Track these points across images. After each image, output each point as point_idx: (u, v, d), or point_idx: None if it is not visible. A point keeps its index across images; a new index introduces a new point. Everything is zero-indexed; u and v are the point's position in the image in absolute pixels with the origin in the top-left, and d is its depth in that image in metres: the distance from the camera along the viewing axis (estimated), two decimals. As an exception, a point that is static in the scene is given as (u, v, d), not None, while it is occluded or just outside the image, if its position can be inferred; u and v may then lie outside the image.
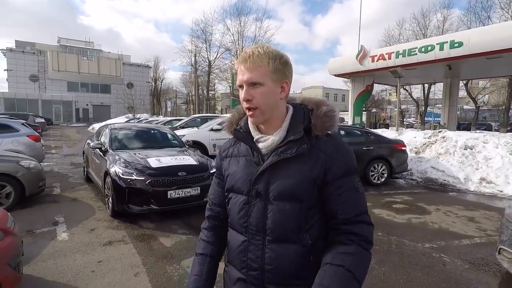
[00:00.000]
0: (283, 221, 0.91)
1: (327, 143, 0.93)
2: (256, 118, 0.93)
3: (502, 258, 2.90)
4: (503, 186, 6.44)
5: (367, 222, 0.93)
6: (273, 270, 0.93)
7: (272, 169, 0.93)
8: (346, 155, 0.94)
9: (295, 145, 0.91)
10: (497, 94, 28.70)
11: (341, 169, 0.92)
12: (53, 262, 3.16)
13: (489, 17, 22.91)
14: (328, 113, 0.96)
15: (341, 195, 0.91)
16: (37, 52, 41.77)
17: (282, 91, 0.94)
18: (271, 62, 0.90)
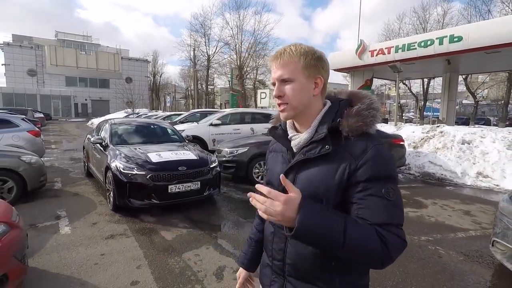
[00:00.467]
0: None
1: (357, 144, 0.87)
2: (286, 112, 0.93)
3: (495, 250, 2.98)
4: (499, 180, 6.52)
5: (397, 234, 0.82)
6: (293, 264, 0.96)
7: (298, 167, 0.94)
8: (377, 159, 0.85)
9: (318, 146, 0.90)
10: (496, 88, 28.71)
11: (367, 172, 0.84)
12: (57, 255, 3.22)
13: (489, 11, 22.82)
14: (361, 112, 0.89)
15: (364, 200, 0.84)
16: (34, 46, 41.46)
17: (315, 87, 0.92)
18: (302, 58, 0.90)
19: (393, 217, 0.84)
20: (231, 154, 6.54)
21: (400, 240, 0.83)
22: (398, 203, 0.86)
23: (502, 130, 8.08)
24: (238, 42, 34.45)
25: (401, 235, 0.83)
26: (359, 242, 0.79)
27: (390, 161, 0.89)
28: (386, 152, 0.89)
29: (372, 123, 0.89)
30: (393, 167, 0.90)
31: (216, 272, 2.96)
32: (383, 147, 0.88)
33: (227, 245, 3.56)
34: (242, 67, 33.79)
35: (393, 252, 0.81)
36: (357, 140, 0.88)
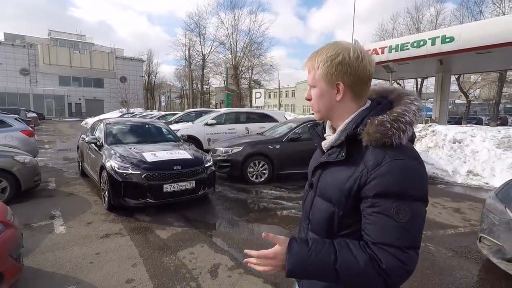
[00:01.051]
0: (318, 217, 0.96)
1: (374, 155, 0.82)
2: (315, 115, 0.98)
3: (482, 245, 3.07)
4: (489, 178, 6.66)
5: (396, 257, 0.78)
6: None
7: (323, 167, 0.97)
8: (390, 174, 0.79)
9: (336, 152, 0.91)
10: (488, 88, 29.16)
11: (378, 187, 0.80)
12: (52, 254, 3.24)
13: (481, 12, 23.18)
14: (384, 123, 0.83)
15: (371, 216, 0.81)
16: (27, 45, 40.99)
17: (337, 93, 0.90)
18: (321, 65, 0.90)
19: (399, 240, 0.78)
20: (226, 153, 6.58)
21: (400, 264, 0.78)
22: (410, 226, 0.79)
23: (492, 129, 8.24)
24: (233, 41, 34.50)
25: (404, 259, 0.78)
26: (352, 273, 0.79)
27: (408, 178, 0.80)
28: (406, 168, 0.81)
29: (394, 135, 0.82)
30: (413, 186, 0.80)
31: (211, 269, 3.01)
32: (405, 162, 0.81)
33: (221, 243, 3.61)
34: (237, 66, 33.81)
35: (394, 278, 0.78)
36: (375, 151, 0.83)
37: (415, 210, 0.80)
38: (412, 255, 0.79)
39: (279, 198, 5.53)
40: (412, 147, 0.89)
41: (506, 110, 34.58)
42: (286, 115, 14.80)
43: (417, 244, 0.81)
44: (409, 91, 0.97)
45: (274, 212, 4.80)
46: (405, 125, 0.83)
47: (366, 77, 0.90)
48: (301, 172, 6.76)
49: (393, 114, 0.85)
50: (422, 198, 0.82)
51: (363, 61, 0.88)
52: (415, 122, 0.87)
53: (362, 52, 0.89)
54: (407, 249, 0.79)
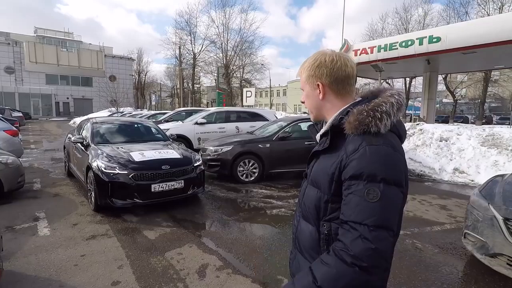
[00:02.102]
0: (308, 203, 1.04)
1: (353, 142, 0.90)
2: (310, 116, 1.11)
3: (467, 241, 3.13)
4: (474, 176, 6.81)
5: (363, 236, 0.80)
6: (297, 239, 1.11)
7: (315, 157, 1.07)
8: (364, 158, 0.85)
9: (324, 141, 1.02)
10: (474, 88, 29.83)
11: (352, 170, 0.86)
12: (35, 257, 3.15)
13: (467, 13, 23.70)
14: (362, 111, 0.91)
15: (346, 197, 0.87)
16: (12, 42, 39.86)
17: (319, 93, 1.02)
18: (304, 71, 1.05)
19: (367, 218, 0.81)
20: (216, 152, 6.54)
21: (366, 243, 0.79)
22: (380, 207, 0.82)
23: (477, 128, 8.44)
24: (224, 40, 34.37)
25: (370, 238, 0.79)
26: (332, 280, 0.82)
27: (381, 162, 0.85)
28: (380, 153, 0.86)
29: (371, 123, 0.88)
30: (384, 169, 0.84)
31: (199, 270, 2.98)
32: (379, 148, 0.86)
33: (210, 243, 3.58)
34: (228, 65, 33.70)
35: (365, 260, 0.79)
36: (355, 138, 0.90)
37: (386, 192, 0.83)
38: (382, 234, 0.80)
39: (269, 197, 5.53)
40: (391, 136, 0.93)
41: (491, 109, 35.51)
42: (277, 114, 14.82)
43: (388, 224, 0.83)
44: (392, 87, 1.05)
45: (264, 211, 4.80)
46: (381, 113, 0.90)
47: (342, 77, 1.00)
48: (291, 171, 6.78)
49: (371, 104, 0.93)
50: (395, 183, 0.85)
51: (338, 62, 0.99)
52: (393, 114, 0.92)
53: (338, 55, 1.01)
54: (375, 227, 0.80)
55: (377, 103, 0.92)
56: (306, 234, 1.04)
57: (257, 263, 3.12)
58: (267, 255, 3.30)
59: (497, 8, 21.84)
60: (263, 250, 3.42)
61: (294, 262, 1.14)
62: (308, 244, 1.04)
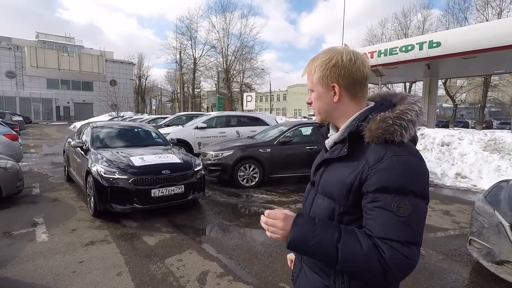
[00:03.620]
0: (318, 213, 0.96)
1: (375, 151, 0.84)
2: (316, 117, 1.02)
3: (472, 248, 3.07)
4: (476, 181, 6.75)
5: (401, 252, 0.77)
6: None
7: (326, 165, 0.99)
8: (392, 169, 0.80)
9: (338, 148, 0.94)
10: (474, 92, 29.90)
11: (379, 182, 0.80)
12: (32, 264, 3.09)
13: (466, 18, 23.87)
14: (386, 119, 0.84)
15: (372, 211, 0.81)
16: (13, 47, 40.05)
17: (334, 95, 0.93)
18: (318, 69, 0.94)
19: (400, 234, 0.78)
20: (216, 157, 6.50)
21: (404, 259, 0.77)
22: (411, 221, 0.78)
23: (479, 133, 8.40)
24: (225, 45, 34.54)
25: (406, 254, 0.77)
26: (354, 256, 0.78)
27: (409, 174, 0.81)
28: (407, 164, 0.81)
29: (396, 132, 0.83)
30: (413, 182, 0.81)
31: (199, 277, 2.92)
32: (406, 158, 0.82)
33: (211, 250, 3.52)
34: (228, 70, 33.83)
35: (395, 271, 0.77)
36: (377, 147, 0.84)
37: (416, 205, 0.80)
38: (414, 250, 0.79)
39: (270, 202, 5.48)
40: (413, 146, 0.90)
41: (491, 113, 35.52)
42: (277, 119, 14.81)
43: (419, 240, 0.80)
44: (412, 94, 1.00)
45: (265, 216, 4.74)
46: (407, 123, 0.85)
47: (360, 78, 0.92)
48: (292, 175, 6.73)
49: (396, 112, 0.87)
50: (422, 195, 0.82)
51: (356, 63, 0.91)
52: (417, 123, 0.87)
53: (355, 54, 0.92)
54: (408, 244, 0.78)
55: (402, 111, 0.86)
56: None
57: (259, 270, 3.06)
58: (268, 262, 3.24)
59: (496, 14, 21.98)
60: (265, 257, 3.36)
61: (300, 276, 1.05)
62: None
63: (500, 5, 21.87)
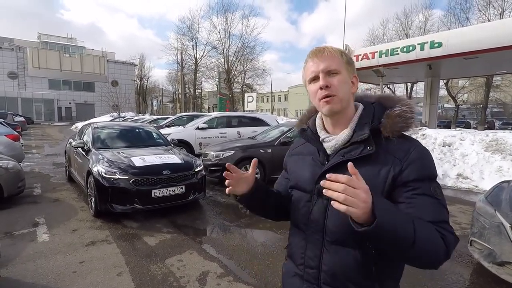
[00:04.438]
0: (342, 223, 0.85)
1: (400, 146, 0.87)
2: (333, 104, 0.91)
3: (473, 249, 3.06)
4: (478, 182, 6.73)
5: (450, 231, 0.82)
6: (329, 271, 0.92)
7: (335, 169, 0.88)
8: (422, 159, 0.86)
9: (360, 147, 0.89)
10: (475, 93, 29.79)
11: (414, 173, 0.84)
12: (33, 264, 3.10)
13: (467, 19, 23.78)
14: (402, 114, 0.89)
15: (414, 199, 0.83)
16: (16, 48, 40.24)
17: (353, 85, 0.94)
18: (344, 55, 0.93)
19: (444, 215, 0.84)
20: (217, 157, 6.50)
21: (454, 236, 0.82)
22: (445, 202, 0.86)
23: (480, 133, 8.37)
24: (226, 46, 34.58)
25: (453, 232, 0.84)
26: (427, 240, 0.76)
27: (432, 161, 0.89)
28: (427, 152, 0.89)
29: (412, 125, 0.90)
30: (434, 167, 0.89)
31: (199, 277, 2.92)
32: (424, 148, 0.89)
33: (211, 250, 3.52)
34: (229, 71, 33.86)
35: (450, 249, 0.80)
36: (399, 142, 0.88)
37: (440, 187, 0.88)
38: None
39: (271, 202, 5.47)
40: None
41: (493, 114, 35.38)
42: (278, 119, 14.80)
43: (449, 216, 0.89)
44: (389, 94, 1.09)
45: (266, 217, 4.74)
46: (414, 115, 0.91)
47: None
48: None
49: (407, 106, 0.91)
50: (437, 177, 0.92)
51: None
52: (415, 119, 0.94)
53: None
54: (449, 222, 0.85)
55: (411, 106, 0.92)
56: (348, 261, 0.89)
57: (259, 271, 3.06)
58: (269, 262, 3.24)
59: (497, 14, 21.91)
60: (265, 257, 3.36)
61: None
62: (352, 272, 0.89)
63: (502, 5, 21.82)
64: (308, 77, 0.95)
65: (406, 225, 0.75)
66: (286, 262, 1.13)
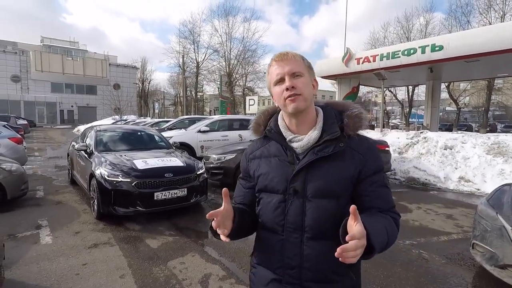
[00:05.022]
0: (321, 218, 0.93)
1: (360, 143, 0.99)
2: (299, 102, 0.95)
3: (476, 252, 3.06)
4: (480, 184, 6.72)
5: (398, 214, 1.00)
6: (312, 267, 0.95)
7: (308, 167, 0.95)
8: (377, 154, 1.01)
9: (332, 144, 0.96)
10: (477, 96, 29.74)
11: (373, 167, 0.98)
12: (36, 266, 3.12)
13: (468, 22, 23.79)
14: (359, 115, 1.01)
15: (375, 191, 0.96)
16: (19, 52, 40.55)
17: (313, 88, 1.00)
18: (304, 59, 1.00)
19: (393, 200, 1.01)
20: (219, 160, 6.52)
21: (399, 217, 0.99)
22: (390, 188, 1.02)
23: (482, 136, 8.36)
24: (227, 49, 34.69)
25: (398, 213, 1.00)
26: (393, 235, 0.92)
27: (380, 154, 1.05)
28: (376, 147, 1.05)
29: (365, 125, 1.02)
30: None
31: (202, 280, 2.93)
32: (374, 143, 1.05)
33: (213, 252, 3.53)
34: (231, 74, 33.94)
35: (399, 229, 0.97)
36: (360, 139, 1.00)
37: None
38: None
39: (273, 205, 5.47)
40: None
41: (495, 117, 35.30)
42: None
43: None
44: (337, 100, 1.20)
45: (267, 219, 4.74)
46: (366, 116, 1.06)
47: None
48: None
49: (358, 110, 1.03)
50: None
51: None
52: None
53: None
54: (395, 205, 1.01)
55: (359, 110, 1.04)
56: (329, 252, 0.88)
57: (261, 273, 3.06)
58: (270, 265, 3.24)
59: (499, 17, 21.93)
60: (267, 260, 3.36)
61: None
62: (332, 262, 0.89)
63: (503, 8, 21.83)
64: (273, 79, 0.99)
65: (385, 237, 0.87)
66: (255, 270, 1.09)
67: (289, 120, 1.03)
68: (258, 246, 1.09)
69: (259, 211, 1.06)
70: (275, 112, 1.11)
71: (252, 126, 1.13)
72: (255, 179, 1.07)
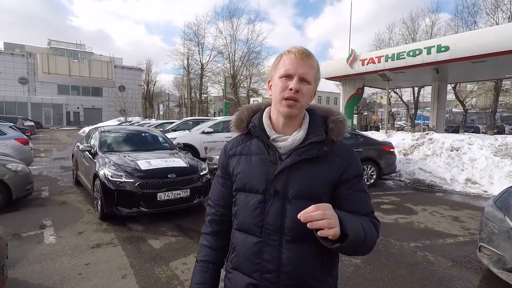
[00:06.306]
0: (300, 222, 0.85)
1: (342, 148, 1.00)
2: (294, 109, 0.94)
3: (482, 255, 3.00)
4: (487, 186, 6.61)
5: (377, 219, 0.99)
6: (290, 271, 0.92)
7: (290, 168, 0.93)
8: (357, 160, 1.02)
9: (316, 147, 0.95)
10: (484, 97, 29.40)
11: (354, 171, 0.99)
12: (39, 265, 3.13)
13: (475, 22, 23.58)
14: (343, 121, 1.02)
15: (354, 195, 0.97)
16: (26, 54, 41.18)
17: (310, 98, 1.00)
18: (317, 70, 0.99)
19: (372, 206, 1.00)
20: (222, 161, 6.51)
21: (379, 223, 0.98)
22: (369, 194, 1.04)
23: (489, 137, 8.25)
24: (232, 51, 34.80)
25: (377, 219, 0.99)
26: (371, 234, 0.89)
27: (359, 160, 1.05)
28: (356, 152, 1.06)
29: (346, 131, 1.04)
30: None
31: (204, 281, 2.91)
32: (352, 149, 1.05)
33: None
34: (235, 75, 34.03)
35: (378, 234, 0.95)
36: (342, 144, 1.01)
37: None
38: None
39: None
40: None
41: (503, 118, 34.83)
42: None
43: None
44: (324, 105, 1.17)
45: (270, 221, 4.71)
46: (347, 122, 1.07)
47: None
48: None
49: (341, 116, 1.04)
50: None
51: None
52: None
53: None
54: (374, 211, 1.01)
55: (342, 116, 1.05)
56: (308, 256, 0.92)
57: (263, 275, 3.03)
58: (273, 267, 3.21)
59: (506, 17, 21.68)
60: (270, 261, 3.33)
61: None
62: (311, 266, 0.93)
63: (510, 9, 21.58)
64: (281, 72, 0.94)
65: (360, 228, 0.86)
66: (230, 276, 1.03)
67: (276, 117, 1.01)
68: (233, 249, 1.02)
69: (236, 212, 1.01)
70: (259, 110, 1.08)
71: (234, 121, 1.08)
72: (234, 177, 1.03)
